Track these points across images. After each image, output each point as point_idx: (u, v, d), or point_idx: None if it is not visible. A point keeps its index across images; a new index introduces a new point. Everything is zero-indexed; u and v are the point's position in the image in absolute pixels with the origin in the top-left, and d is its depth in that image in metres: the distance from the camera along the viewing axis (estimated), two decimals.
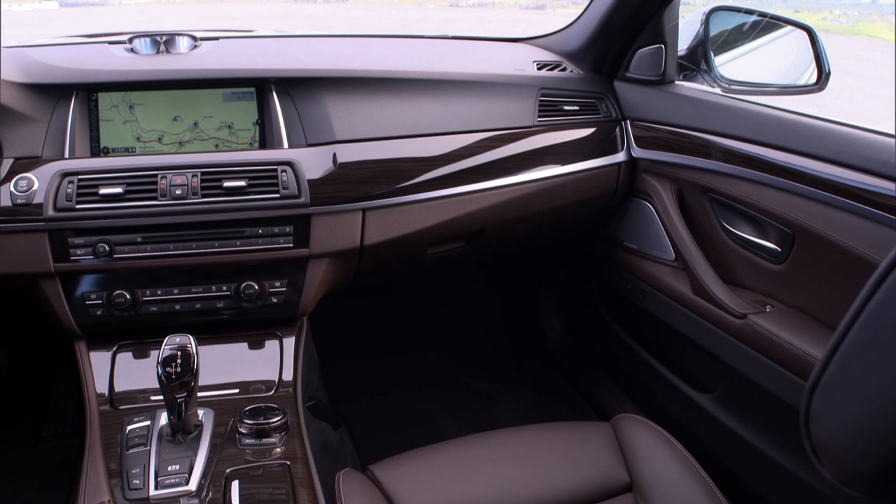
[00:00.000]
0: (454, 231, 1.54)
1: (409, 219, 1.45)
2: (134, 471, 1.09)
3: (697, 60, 1.69)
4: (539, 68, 1.72)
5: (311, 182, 1.34)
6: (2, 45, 1.54)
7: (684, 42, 1.72)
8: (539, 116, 1.61)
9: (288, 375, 1.34)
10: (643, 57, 1.68)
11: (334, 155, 1.38)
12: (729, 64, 1.72)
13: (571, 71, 1.75)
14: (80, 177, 1.28)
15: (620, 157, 1.71)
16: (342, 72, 1.47)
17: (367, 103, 1.47)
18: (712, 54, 1.68)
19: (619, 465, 1.24)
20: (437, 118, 1.52)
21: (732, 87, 1.64)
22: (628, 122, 1.72)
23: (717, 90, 1.64)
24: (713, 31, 1.69)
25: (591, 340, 2.21)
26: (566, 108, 1.65)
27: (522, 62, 1.74)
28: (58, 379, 2.07)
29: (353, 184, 1.38)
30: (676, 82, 1.70)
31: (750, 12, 1.70)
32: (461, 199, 1.50)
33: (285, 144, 1.39)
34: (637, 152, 1.70)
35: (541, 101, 1.62)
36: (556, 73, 1.72)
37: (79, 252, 1.28)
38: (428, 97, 1.54)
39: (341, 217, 1.37)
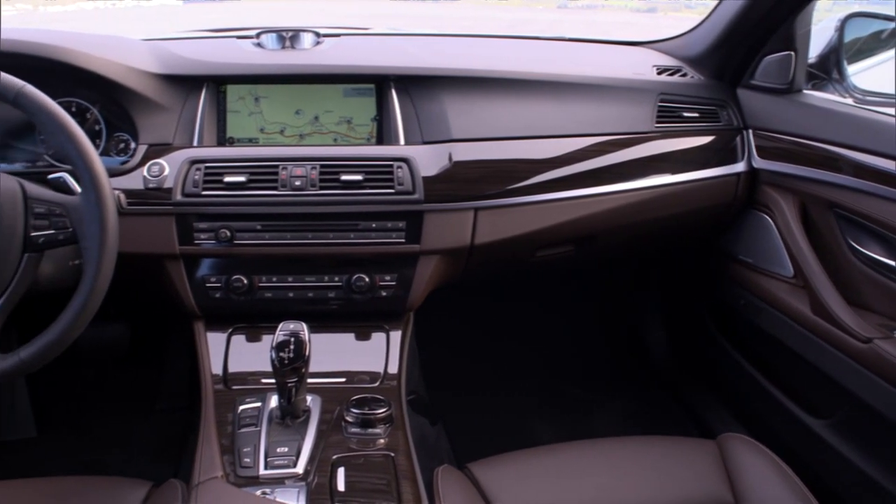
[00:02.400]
0: (564, 235, 1.53)
1: (521, 220, 1.45)
2: (245, 449, 1.13)
3: (829, 69, 1.62)
4: (659, 73, 1.68)
5: (425, 179, 1.35)
6: (140, 38, 1.63)
7: (815, 49, 1.64)
8: (657, 122, 1.57)
9: (393, 368, 1.36)
10: (770, 64, 1.62)
11: (450, 153, 1.39)
12: (863, 73, 1.63)
13: (692, 77, 1.70)
14: (206, 164, 1.34)
15: (740, 167, 1.65)
16: (461, 71, 1.48)
17: (484, 103, 1.47)
18: (846, 63, 1.60)
19: (724, 486, 1.19)
20: (552, 120, 1.51)
21: (867, 98, 1.55)
22: (750, 131, 1.65)
23: (850, 101, 1.56)
24: (847, 39, 1.61)
25: (696, 354, 2.15)
26: (685, 114, 1.61)
27: (641, 66, 1.71)
28: (172, 356, 2.18)
29: (467, 183, 1.39)
30: (804, 91, 1.62)
31: (890, 19, 1.61)
32: (573, 202, 1.49)
33: (402, 141, 1.42)
34: (758, 163, 1.64)
35: (660, 106, 1.58)
36: (676, 78, 1.67)
37: (202, 236, 1.34)
38: (544, 99, 1.53)
39: (453, 215, 1.38)
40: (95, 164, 1.08)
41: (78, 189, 1.15)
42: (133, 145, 1.42)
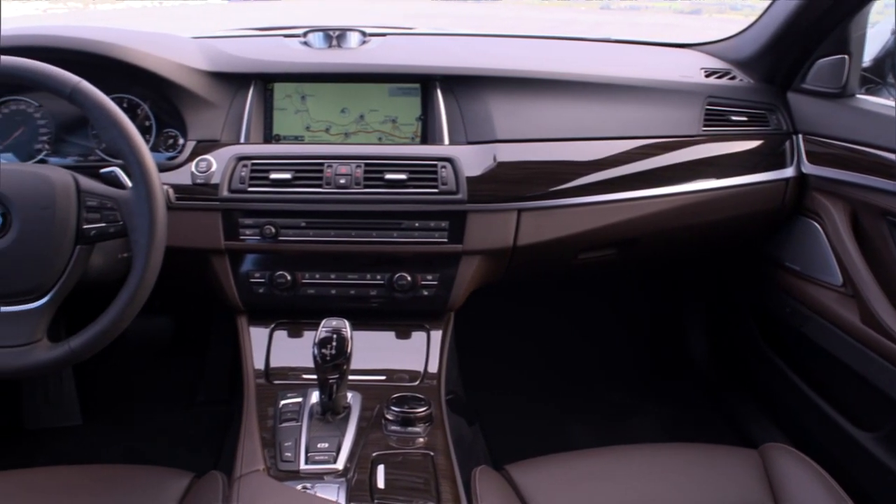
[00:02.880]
0: (607, 238, 1.52)
1: (564, 222, 1.44)
2: (286, 444, 1.14)
3: (884, 73, 1.58)
4: (707, 76, 1.66)
5: (469, 179, 1.35)
6: (189, 36, 1.66)
7: (870, 53, 1.60)
8: (704, 126, 1.55)
9: (433, 368, 1.37)
10: (823, 67, 1.58)
11: (494, 154, 1.39)
12: None
13: (741, 80, 1.67)
14: (253, 161, 1.36)
15: (788, 172, 1.61)
16: (507, 71, 1.48)
17: (530, 104, 1.47)
18: None
19: (766, 497, 1.17)
20: (598, 122, 1.50)
21: None
22: (800, 136, 1.62)
23: None
24: None
25: (738, 362, 2.11)
26: (734, 118, 1.58)
27: (689, 69, 1.68)
28: (213, 350, 2.21)
29: (511, 184, 1.38)
30: (858, 96, 1.58)
31: None
32: (617, 205, 1.47)
33: (446, 141, 1.42)
34: (808, 168, 1.60)
35: (707, 109, 1.56)
36: (724, 81, 1.65)
37: (247, 232, 1.35)
38: (590, 100, 1.52)
39: (496, 216, 1.38)
40: (146, 160, 1.10)
41: (129, 184, 1.17)
42: (181, 141, 1.44)
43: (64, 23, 1.49)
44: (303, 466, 1.10)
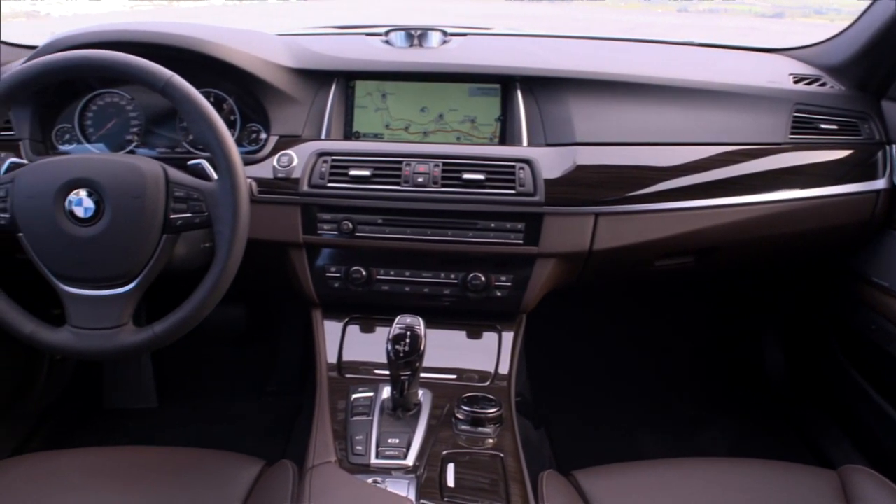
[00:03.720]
0: (685, 245, 1.49)
1: (641, 228, 1.41)
2: (357, 437, 1.16)
3: None
4: (795, 81, 1.60)
5: (547, 181, 1.34)
6: (275, 33, 1.69)
7: None
8: (791, 133, 1.50)
9: (504, 369, 1.36)
10: None
11: (573, 157, 1.37)
12: None
13: (832, 86, 1.61)
14: (333, 157, 1.38)
15: (880, 184, 1.55)
16: (588, 74, 1.46)
17: (610, 107, 1.45)
18: None
19: None
20: (680, 127, 1.47)
21: None
22: (894, 146, 1.56)
23: None
24: None
25: (817, 379, 2.04)
26: (823, 126, 1.53)
27: (776, 74, 1.63)
28: (284, 341, 2.25)
29: (589, 187, 1.37)
30: None
31: None
32: (697, 213, 1.44)
33: (525, 142, 1.41)
34: None
35: (795, 116, 1.51)
36: (814, 87, 1.59)
37: (325, 227, 1.37)
38: (673, 105, 1.49)
39: (573, 219, 1.37)
40: (233, 153, 1.13)
41: (214, 176, 1.20)
42: (264, 136, 1.47)
43: (151, 19, 1.53)
44: (373, 460, 1.11)
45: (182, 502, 1.15)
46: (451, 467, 1.08)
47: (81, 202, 1.12)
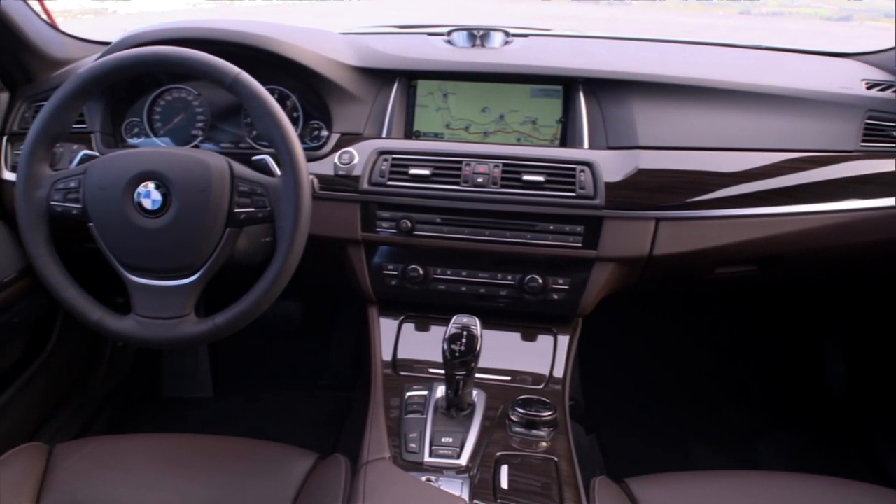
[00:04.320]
0: (748, 253, 1.45)
1: (703, 234, 1.39)
2: (411, 435, 1.16)
3: None
4: (868, 87, 1.55)
5: (607, 185, 1.33)
6: (338, 32, 1.71)
7: None
8: (863, 141, 1.45)
9: (559, 373, 1.35)
10: None
11: (635, 160, 1.35)
12: None
13: None
14: (394, 156, 1.38)
15: None
16: (652, 76, 1.44)
17: (674, 111, 1.42)
18: None
19: None
20: (745, 132, 1.43)
21: None
22: None
23: None
24: None
25: (881, 393, 1.97)
26: None
27: (848, 79, 1.58)
28: (338, 337, 2.28)
29: (650, 191, 1.35)
30: None
31: None
32: (761, 220, 1.40)
33: (586, 145, 1.40)
34: None
35: (867, 123, 1.46)
36: (888, 94, 1.54)
37: (384, 225, 1.38)
38: (738, 110, 1.45)
39: (633, 223, 1.35)
40: (297, 150, 1.15)
41: (278, 172, 1.22)
42: (325, 133, 1.49)
43: (214, 17, 1.57)
44: (427, 459, 1.12)
45: (237, 491, 1.17)
46: (504, 469, 1.08)
47: (150, 194, 1.15)
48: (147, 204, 1.15)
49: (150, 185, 1.16)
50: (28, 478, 1.18)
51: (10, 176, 1.52)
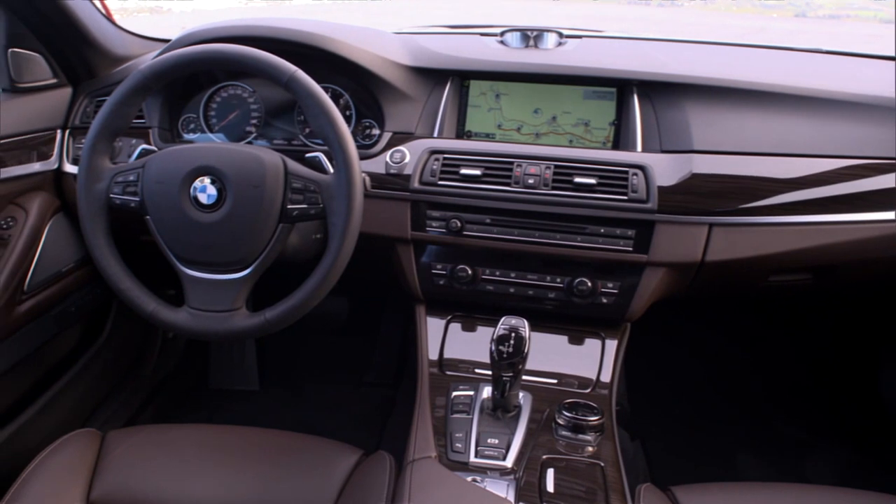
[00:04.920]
0: (803, 262, 1.42)
1: (757, 241, 1.36)
2: (457, 435, 1.16)
3: None
4: None
5: (660, 189, 1.31)
6: (392, 31, 1.72)
7: None
8: None
9: (606, 377, 1.34)
10: None
11: (689, 164, 1.33)
12: None
13: None
14: (445, 155, 1.39)
15: None
16: (708, 80, 1.42)
17: (731, 115, 1.40)
18: None
19: None
20: (803, 138, 1.40)
21: None
22: None
23: None
24: None
25: None
26: None
27: None
28: (383, 334, 2.29)
29: (704, 196, 1.33)
30: None
31: None
32: (818, 228, 1.37)
33: (639, 148, 1.38)
34: None
35: None
36: None
37: (433, 224, 1.38)
38: (797, 115, 1.42)
39: (686, 228, 1.33)
40: (350, 148, 1.16)
41: (330, 169, 1.24)
42: (376, 132, 1.50)
43: (268, 16, 1.59)
44: (472, 459, 1.12)
45: (283, 484, 1.19)
46: (550, 472, 1.07)
47: (205, 189, 1.17)
48: (203, 198, 1.17)
49: (206, 180, 1.17)
50: (82, 462, 1.22)
51: (71, 169, 1.56)
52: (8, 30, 1.44)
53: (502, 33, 1.61)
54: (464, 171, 1.36)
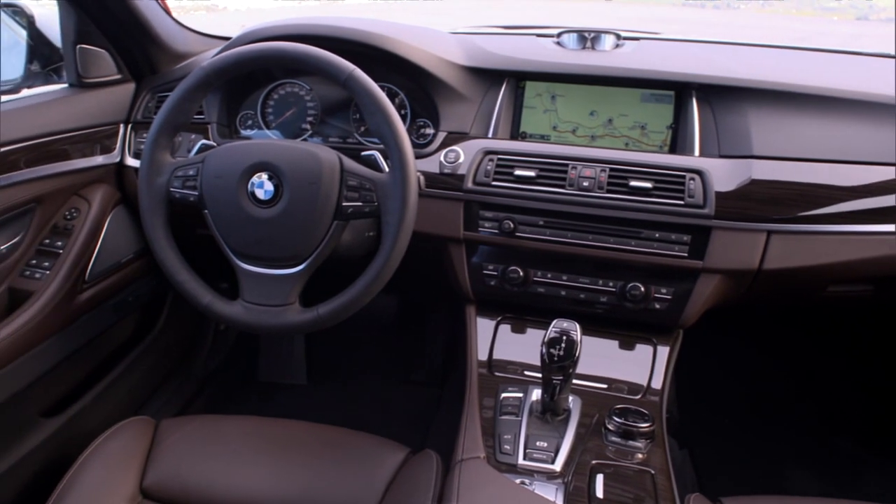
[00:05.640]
0: (864, 272, 1.38)
1: (816, 250, 1.32)
2: (506, 436, 1.16)
3: None
4: None
5: (718, 194, 1.29)
6: (448, 31, 1.72)
7: None
8: None
9: (657, 384, 1.32)
10: None
11: (748, 170, 1.31)
12: None
13: None
14: (499, 156, 1.38)
15: None
16: (772, 84, 1.39)
17: (792, 120, 1.37)
18: None
19: None
20: (868, 145, 1.36)
21: None
22: None
23: None
24: None
25: None
26: None
27: None
28: (431, 333, 2.30)
29: (763, 203, 1.30)
30: None
31: None
32: (880, 238, 1.33)
33: (697, 152, 1.36)
34: None
35: None
36: None
37: (486, 225, 1.38)
38: (860, 121, 1.38)
39: (743, 235, 1.30)
40: (406, 147, 1.16)
41: (386, 168, 1.24)
42: (430, 131, 1.50)
43: (321, 15, 1.60)
44: (520, 461, 1.11)
45: (330, 478, 1.20)
46: (599, 478, 1.06)
47: (263, 185, 1.19)
48: (260, 194, 1.19)
49: (264, 176, 1.19)
50: (137, 448, 1.25)
51: (132, 162, 1.60)
52: (77, 27, 1.48)
53: (559, 34, 1.60)
54: (518, 172, 1.35)
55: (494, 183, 1.36)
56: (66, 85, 1.55)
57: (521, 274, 1.39)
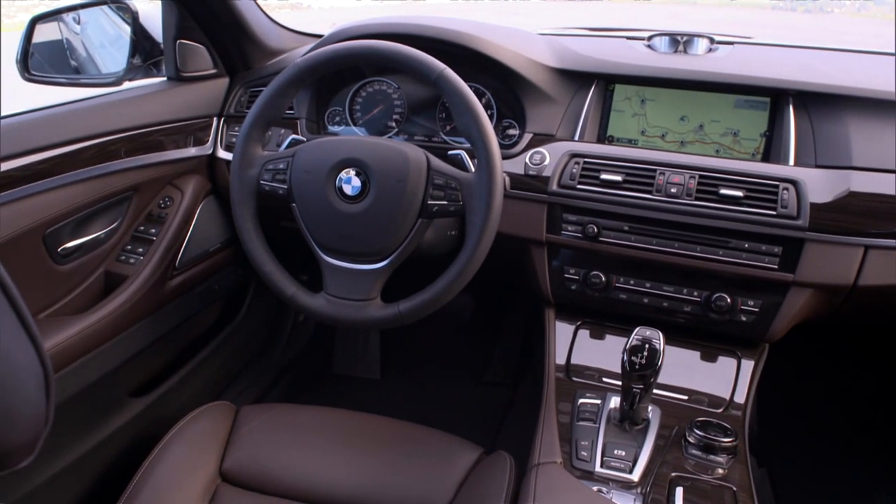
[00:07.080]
0: None
1: None
2: (583, 443, 1.15)
3: None
4: None
5: (812, 205, 1.24)
6: (537, 32, 1.71)
7: None
8: None
9: (740, 398, 1.29)
10: None
11: (847, 181, 1.25)
12: None
13: None
14: (585, 159, 1.37)
15: None
16: (874, 92, 1.33)
17: (894, 131, 1.31)
18: None
19: None
20: None
21: None
22: None
23: None
24: None
25: None
26: None
27: None
28: (505, 334, 2.29)
29: (861, 216, 1.25)
30: None
31: None
32: None
33: (791, 161, 1.31)
34: None
35: None
36: None
37: (569, 228, 1.37)
38: None
39: (839, 249, 1.25)
40: (494, 148, 1.16)
41: (472, 168, 1.24)
42: (516, 132, 1.50)
43: (404, 13, 1.62)
44: (598, 469, 1.10)
45: (404, 473, 1.21)
46: (679, 491, 1.04)
47: (350, 180, 1.21)
48: (347, 189, 1.21)
49: (352, 172, 1.21)
50: (218, 432, 1.29)
51: (224, 154, 1.64)
52: (178, 22, 1.54)
53: (650, 37, 1.57)
54: (604, 176, 1.33)
55: (580, 186, 1.35)
56: (164, 78, 1.61)
57: (603, 279, 1.37)
